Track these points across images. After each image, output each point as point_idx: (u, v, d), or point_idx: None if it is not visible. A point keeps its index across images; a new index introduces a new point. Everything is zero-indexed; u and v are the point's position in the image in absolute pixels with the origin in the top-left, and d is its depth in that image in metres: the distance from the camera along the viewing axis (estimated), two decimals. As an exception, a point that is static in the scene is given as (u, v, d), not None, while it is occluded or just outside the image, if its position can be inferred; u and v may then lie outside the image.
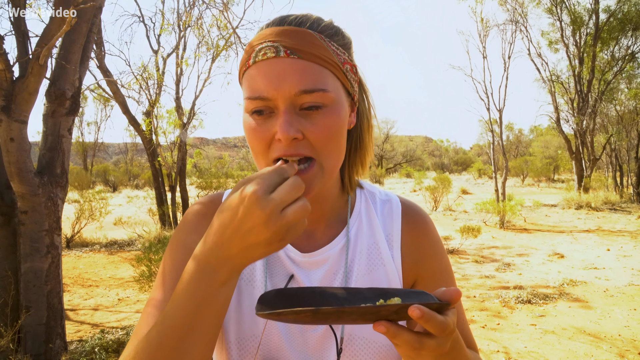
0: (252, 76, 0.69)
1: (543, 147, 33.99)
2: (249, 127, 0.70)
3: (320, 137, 0.68)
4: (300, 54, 0.67)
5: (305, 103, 0.67)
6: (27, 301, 3.22)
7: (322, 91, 0.67)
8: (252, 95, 0.68)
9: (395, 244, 0.84)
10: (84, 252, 8.65)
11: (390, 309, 0.52)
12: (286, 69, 0.66)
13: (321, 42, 0.70)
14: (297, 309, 0.52)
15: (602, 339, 4.06)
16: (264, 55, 0.68)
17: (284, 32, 0.69)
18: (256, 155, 0.71)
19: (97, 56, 9.23)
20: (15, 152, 3.00)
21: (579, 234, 9.63)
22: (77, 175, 22.44)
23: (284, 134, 0.65)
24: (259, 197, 0.53)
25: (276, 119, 0.67)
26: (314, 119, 0.68)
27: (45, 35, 2.98)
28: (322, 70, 0.69)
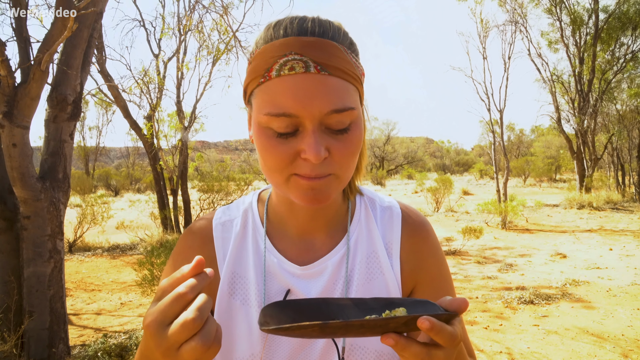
0: (275, 91, 0.64)
1: (544, 147, 33.94)
2: (269, 144, 0.66)
3: (346, 155, 0.67)
4: (330, 70, 0.64)
5: (334, 123, 0.65)
6: (30, 306, 3.23)
7: (351, 109, 0.65)
8: (276, 111, 0.63)
9: (395, 253, 0.82)
10: (87, 257, 8.66)
11: (399, 321, 0.52)
12: (317, 87, 0.63)
13: (345, 55, 0.67)
14: (305, 323, 0.50)
15: (605, 339, 4.05)
16: (291, 70, 0.63)
17: (311, 44, 0.64)
18: (271, 172, 0.68)
19: (98, 61, 9.26)
20: (18, 158, 3.01)
21: (581, 233, 9.62)
22: (79, 179, 22.48)
23: (315, 155, 0.62)
24: (153, 334, 0.52)
25: (301, 137, 0.64)
26: (341, 138, 0.66)
27: (46, 41, 2.99)
28: (349, 87, 0.66)
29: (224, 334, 0.78)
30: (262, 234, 0.83)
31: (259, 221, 0.85)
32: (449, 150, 59.38)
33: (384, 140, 43.59)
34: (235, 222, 0.86)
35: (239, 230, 0.84)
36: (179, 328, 0.50)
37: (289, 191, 0.69)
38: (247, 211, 0.87)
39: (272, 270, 0.80)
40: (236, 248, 0.83)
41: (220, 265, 0.82)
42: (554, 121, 17.29)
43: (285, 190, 0.70)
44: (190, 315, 0.50)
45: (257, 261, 0.81)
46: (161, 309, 0.52)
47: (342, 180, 0.70)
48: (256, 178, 16.97)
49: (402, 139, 49.40)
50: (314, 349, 0.77)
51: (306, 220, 0.81)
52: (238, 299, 0.79)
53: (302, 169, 0.65)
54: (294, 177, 0.67)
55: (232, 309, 0.79)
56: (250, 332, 0.77)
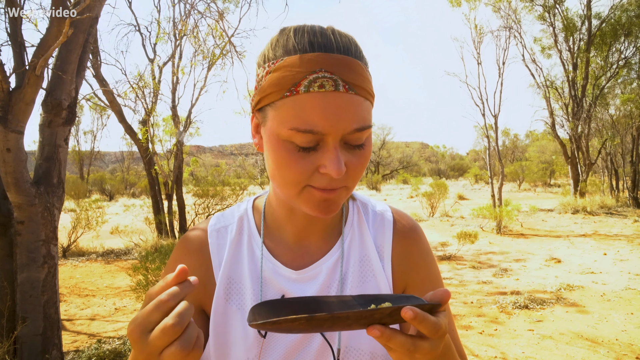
0: (303, 107, 0.64)
1: (539, 152, 34.13)
2: (290, 158, 0.66)
3: (359, 170, 0.70)
4: (356, 90, 0.66)
5: (354, 139, 0.67)
6: (23, 311, 3.20)
7: (369, 127, 0.68)
8: (303, 127, 0.64)
9: (386, 256, 0.84)
10: (81, 262, 8.61)
11: (384, 312, 0.53)
12: (344, 106, 0.65)
13: (366, 73, 0.69)
14: (291, 317, 0.52)
15: (599, 343, 4.07)
16: (320, 87, 0.64)
17: (340, 63, 0.65)
18: (286, 184, 0.69)
19: (94, 65, 9.24)
20: (12, 163, 3.00)
21: (575, 238, 9.66)
22: (73, 184, 22.37)
23: (337, 172, 0.64)
24: (136, 339, 0.54)
25: (322, 152, 0.66)
26: (357, 153, 0.69)
27: (41, 46, 2.99)
28: (369, 105, 0.69)
29: (220, 339, 0.79)
30: (257, 240, 0.85)
31: (254, 227, 0.86)
32: (444, 155, 59.54)
33: (379, 145, 43.69)
34: (230, 228, 0.87)
35: (234, 237, 0.86)
36: (159, 333, 0.52)
37: (300, 202, 0.70)
38: (243, 217, 0.88)
39: (268, 276, 0.81)
40: (232, 254, 0.84)
41: (215, 271, 0.83)
42: (548, 126, 17.40)
43: (296, 201, 0.71)
44: (170, 322, 0.52)
45: (252, 267, 0.82)
46: (143, 316, 0.53)
47: (350, 191, 0.72)
48: (251, 183, 16.94)
49: (397, 144, 49.59)
50: (309, 351, 0.77)
51: (304, 225, 0.83)
52: (234, 304, 0.81)
53: (319, 182, 0.67)
54: (308, 188, 0.68)
55: (228, 313, 0.80)
56: (246, 336, 0.78)
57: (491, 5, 14.96)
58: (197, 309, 0.83)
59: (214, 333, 0.79)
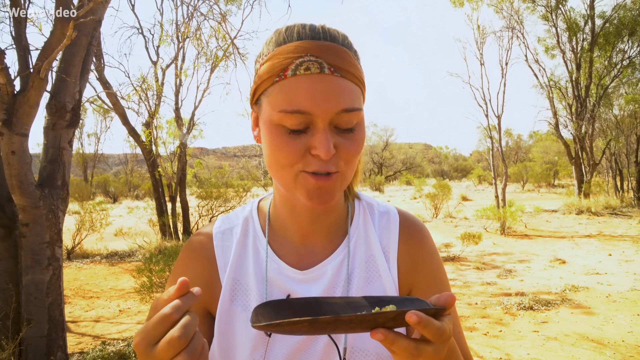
0: (290, 89, 0.67)
1: (542, 152, 34.01)
2: (281, 140, 0.69)
3: (351, 153, 0.70)
4: (342, 73, 0.69)
5: (343, 122, 0.69)
6: (28, 313, 3.21)
7: (358, 110, 0.70)
8: (290, 108, 0.67)
9: (392, 256, 0.84)
10: (85, 264, 8.64)
11: (388, 315, 0.53)
12: (330, 87, 0.67)
13: (354, 61, 0.72)
14: (295, 319, 0.51)
15: (605, 345, 4.04)
16: (306, 70, 0.67)
17: (326, 48, 0.69)
18: (281, 168, 0.71)
19: (97, 68, 9.28)
20: (17, 165, 3.01)
21: (580, 239, 9.62)
22: (77, 186, 22.45)
23: (326, 152, 0.66)
24: (142, 352, 0.54)
25: (312, 134, 0.68)
26: (348, 136, 0.70)
27: (45, 49, 3.00)
28: (357, 90, 0.71)
29: (225, 340, 0.79)
30: (262, 241, 0.85)
31: (260, 228, 0.86)
32: (447, 156, 59.44)
33: (382, 146, 43.65)
34: (235, 230, 0.88)
35: (239, 238, 0.86)
36: (166, 345, 0.52)
37: (296, 189, 0.71)
38: (248, 219, 0.89)
39: (273, 277, 0.82)
40: (237, 256, 0.85)
41: (221, 273, 0.84)
42: (551, 127, 17.35)
43: (292, 189, 0.72)
44: (176, 334, 0.52)
45: (257, 268, 0.83)
46: (148, 330, 0.54)
47: (345, 179, 0.72)
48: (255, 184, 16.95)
49: (400, 145, 49.46)
50: (314, 351, 0.77)
51: (308, 224, 0.83)
52: (239, 305, 0.81)
53: (311, 165, 0.68)
54: (302, 174, 0.69)
55: (233, 315, 0.80)
56: (251, 337, 0.78)
57: (493, 6, 14.94)
58: (203, 313, 0.83)
59: (219, 334, 0.79)
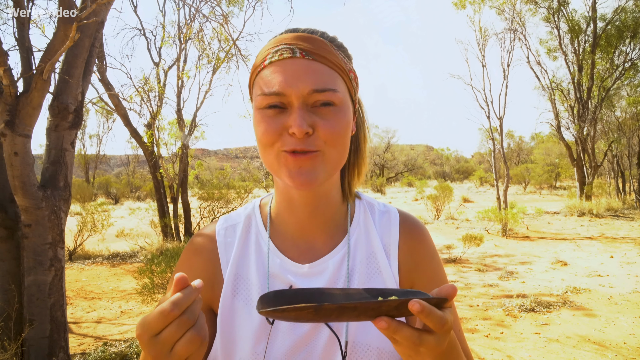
0: (267, 75, 0.74)
1: (544, 154, 33.96)
2: (261, 120, 0.73)
3: (329, 132, 0.72)
4: (314, 56, 0.73)
5: (318, 101, 0.72)
6: (30, 314, 3.22)
7: (332, 91, 0.73)
8: (267, 91, 0.72)
9: (393, 254, 0.86)
10: (87, 265, 8.65)
11: (391, 304, 0.54)
12: (301, 69, 0.72)
13: (331, 49, 0.76)
14: (300, 305, 0.52)
15: (607, 347, 4.04)
16: (280, 56, 0.73)
17: (299, 37, 0.75)
18: (264, 148, 0.75)
19: (99, 69, 9.30)
20: (19, 166, 3.02)
21: (581, 241, 9.60)
22: (79, 187, 22.47)
23: (298, 128, 0.69)
24: (145, 342, 0.55)
25: (289, 114, 0.72)
26: (325, 116, 0.73)
27: (48, 51, 3.01)
28: (333, 73, 0.74)
29: (228, 334, 0.80)
30: (264, 237, 0.87)
31: (262, 225, 0.89)
32: (449, 158, 59.37)
33: (384, 148, 43.63)
34: (238, 227, 0.90)
35: (241, 234, 0.88)
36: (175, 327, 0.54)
37: (280, 170, 0.74)
38: (250, 216, 0.91)
39: (275, 271, 0.83)
40: (239, 251, 0.87)
41: (224, 269, 0.86)
42: (553, 128, 17.33)
43: (277, 170, 0.75)
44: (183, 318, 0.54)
45: (259, 263, 0.85)
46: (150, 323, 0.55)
47: (328, 159, 0.74)
48: (256, 186, 16.96)
49: (402, 147, 49.41)
50: (316, 345, 0.79)
51: (305, 218, 0.84)
52: (241, 300, 0.83)
53: (289, 144, 0.71)
54: (282, 154, 0.73)
55: (235, 309, 0.82)
56: (254, 331, 0.79)
57: (495, 8, 14.94)
58: (206, 309, 0.84)
59: (221, 329, 0.81)
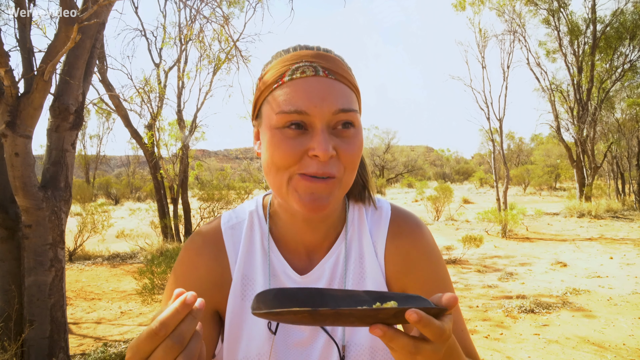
0: (287, 92, 0.71)
1: (544, 155, 33.97)
2: (280, 140, 0.70)
3: (351, 156, 0.71)
4: (336, 76, 0.72)
5: (339, 122, 0.70)
6: (30, 315, 3.22)
7: (355, 112, 0.72)
8: (288, 109, 0.69)
9: (380, 252, 0.84)
10: (87, 265, 8.65)
11: (388, 312, 0.52)
12: (326, 88, 0.70)
13: (347, 69, 0.75)
14: (295, 309, 0.51)
15: (606, 348, 4.04)
16: (302, 74, 0.71)
17: (319, 55, 0.73)
18: (277, 170, 0.71)
19: (100, 70, 9.31)
20: (20, 167, 3.03)
21: (581, 242, 9.61)
22: (79, 188, 22.47)
23: (324, 152, 0.67)
24: None
25: (311, 136, 0.69)
26: (346, 139, 0.71)
27: (50, 52, 3.02)
28: (352, 93, 0.74)
29: (234, 335, 0.80)
30: (267, 237, 0.86)
31: (265, 224, 0.87)
32: (449, 159, 59.39)
33: (384, 149, 43.64)
34: (243, 224, 0.88)
35: (247, 233, 0.87)
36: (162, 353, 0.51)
37: (288, 194, 0.71)
38: (253, 214, 0.89)
39: (277, 273, 0.83)
40: (245, 251, 0.85)
41: (232, 268, 0.84)
42: (553, 130, 17.34)
43: (285, 194, 0.72)
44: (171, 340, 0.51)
45: (264, 264, 0.84)
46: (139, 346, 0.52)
47: (343, 186, 0.72)
48: (256, 187, 16.96)
49: (402, 148, 49.40)
50: (315, 347, 0.79)
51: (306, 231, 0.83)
52: (248, 302, 0.82)
53: (309, 167, 0.69)
54: (296, 177, 0.70)
55: (243, 311, 0.82)
56: (260, 333, 0.79)
57: (495, 9, 14.96)
58: (210, 313, 0.83)
59: (229, 330, 0.81)
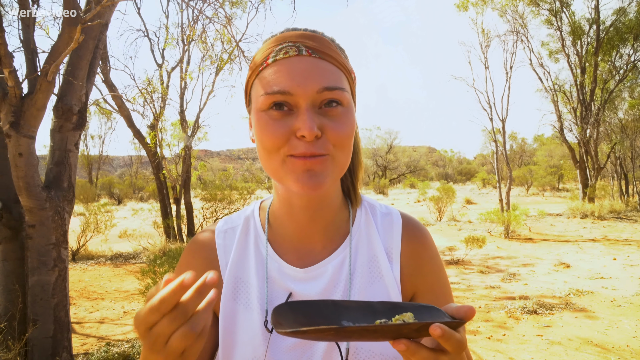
0: (271, 73, 0.70)
1: (547, 156, 33.91)
2: (265, 122, 0.69)
3: (338, 135, 0.70)
4: (321, 55, 0.71)
5: (325, 100, 0.69)
6: (34, 314, 3.24)
7: (341, 90, 0.71)
8: (271, 90, 0.68)
9: (395, 257, 0.85)
10: (90, 265, 8.67)
11: (412, 327, 0.54)
12: (309, 67, 0.69)
13: (335, 48, 0.74)
14: (322, 327, 0.52)
15: (609, 349, 4.03)
16: (285, 54, 0.70)
17: (304, 35, 0.72)
18: (268, 153, 0.71)
19: (103, 71, 9.34)
20: (24, 167, 3.04)
21: (584, 243, 9.58)
22: (82, 188, 22.55)
23: (309, 131, 0.66)
24: (142, 334, 0.54)
25: (296, 116, 0.69)
26: (333, 118, 0.70)
27: (53, 52, 3.03)
28: (339, 72, 0.72)
29: (228, 338, 0.80)
30: (263, 240, 0.86)
31: (261, 227, 0.87)
32: (451, 160, 59.35)
33: (386, 149, 43.62)
34: (237, 229, 0.89)
35: (240, 237, 0.87)
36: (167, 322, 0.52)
37: (285, 175, 0.71)
38: (249, 218, 0.90)
39: (273, 275, 0.82)
40: (238, 254, 0.86)
41: (222, 271, 0.85)
42: (556, 130, 17.30)
43: (282, 177, 0.72)
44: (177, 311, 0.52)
45: (259, 266, 0.84)
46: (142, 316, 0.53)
47: (337, 163, 0.72)
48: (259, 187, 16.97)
49: (404, 148, 49.42)
50: (316, 351, 0.78)
51: (305, 223, 0.82)
52: (241, 304, 0.82)
53: (298, 148, 0.68)
54: (289, 159, 0.70)
55: (235, 313, 0.82)
56: (254, 335, 0.79)
57: (497, 9, 14.94)
58: None
59: (222, 332, 0.81)
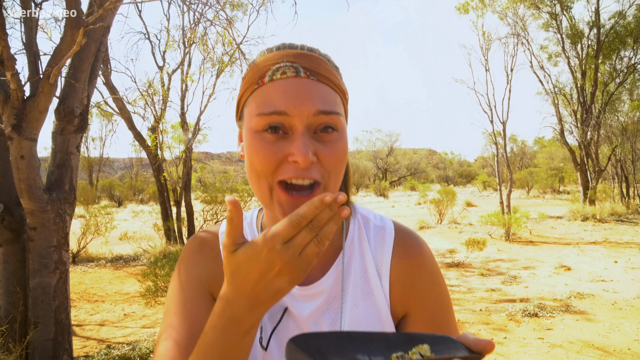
0: (267, 93, 0.68)
1: (548, 158, 33.91)
2: (259, 145, 0.67)
3: (333, 161, 0.68)
4: (318, 77, 0.69)
5: (322, 124, 0.68)
6: (35, 317, 3.24)
7: (337, 114, 0.69)
8: (267, 110, 0.66)
9: (384, 274, 0.81)
10: (90, 267, 8.67)
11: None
12: (306, 89, 0.67)
13: (332, 69, 0.72)
14: None
15: (610, 352, 4.02)
16: (282, 74, 0.68)
17: (301, 55, 0.70)
18: (258, 177, 0.69)
19: (104, 73, 9.35)
20: (25, 170, 3.05)
21: (585, 246, 9.57)
22: (82, 190, 22.55)
23: (303, 157, 0.64)
24: (277, 251, 0.55)
25: (290, 140, 0.66)
26: (328, 143, 0.68)
27: (55, 55, 3.04)
28: (335, 95, 0.71)
29: None
30: None
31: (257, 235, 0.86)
32: (452, 162, 59.30)
33: (387, 152, 43.64)
34: None
35: None
36: (305, 234, 0.55)
37: (272, 205, 0.70)
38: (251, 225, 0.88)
39: None
40: None
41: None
42: (556, 133, 17.30)
43: (268, 203, 0.70)
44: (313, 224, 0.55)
45: None
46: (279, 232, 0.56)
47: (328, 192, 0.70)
48: (259, 189, 16.93)
49: (404, 150, 49.45)
50: None
51: None
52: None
53: (287, 172, 0.66)
54: (277, 188, 0.68)
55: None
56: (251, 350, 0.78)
57: (498, 12, 14.95)
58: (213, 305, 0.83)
59: None
